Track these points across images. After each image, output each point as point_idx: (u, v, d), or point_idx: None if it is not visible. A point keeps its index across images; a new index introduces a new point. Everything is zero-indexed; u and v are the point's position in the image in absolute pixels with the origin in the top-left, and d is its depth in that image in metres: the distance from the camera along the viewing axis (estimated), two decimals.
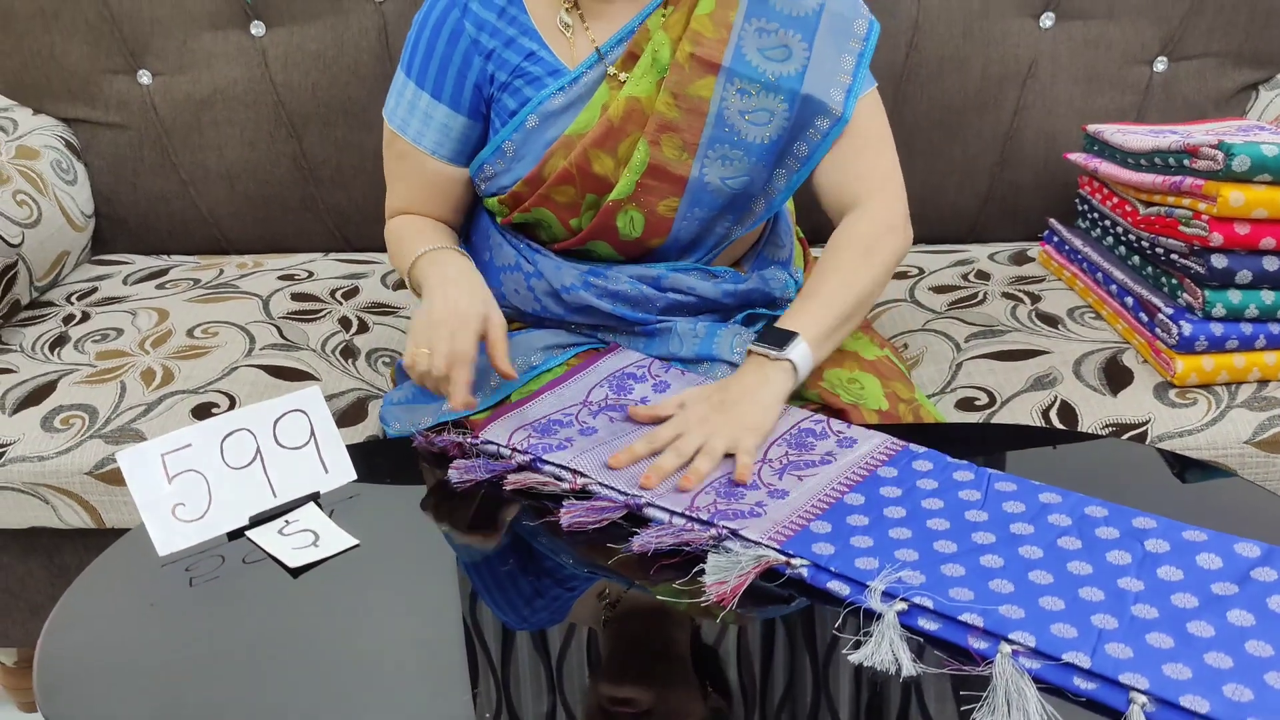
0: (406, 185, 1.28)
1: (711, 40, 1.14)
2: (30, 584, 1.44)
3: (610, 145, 1.16)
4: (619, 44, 1.18)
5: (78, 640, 0.83)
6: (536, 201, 1.19)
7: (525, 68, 1.18)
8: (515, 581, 0.89)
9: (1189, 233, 1.31)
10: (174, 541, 0.92)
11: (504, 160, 1.20)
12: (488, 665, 0.80)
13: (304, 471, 0.99)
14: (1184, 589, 0.80)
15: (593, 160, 1.16)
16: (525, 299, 1.25)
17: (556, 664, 0.80)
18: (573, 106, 1.18)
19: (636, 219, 1.19)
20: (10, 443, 1.31)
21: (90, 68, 1.79)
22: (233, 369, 1.42)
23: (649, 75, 1.16)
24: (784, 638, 0.83)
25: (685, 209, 1.19)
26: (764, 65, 1.15)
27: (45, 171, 1.72)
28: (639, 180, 1.16)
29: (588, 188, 1.18)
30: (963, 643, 0.77)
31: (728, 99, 1.15)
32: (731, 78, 1.15)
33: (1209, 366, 1.32)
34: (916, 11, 1.75)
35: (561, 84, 1.17)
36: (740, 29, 1.15)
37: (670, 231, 1.20)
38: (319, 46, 1.77)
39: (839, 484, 0.96)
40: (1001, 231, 1.87)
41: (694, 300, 1.22)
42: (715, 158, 1.17)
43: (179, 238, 1.88)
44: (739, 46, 1.15)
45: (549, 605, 0.87)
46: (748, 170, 1.18)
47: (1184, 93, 1.80)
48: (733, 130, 1.16)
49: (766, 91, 1.16)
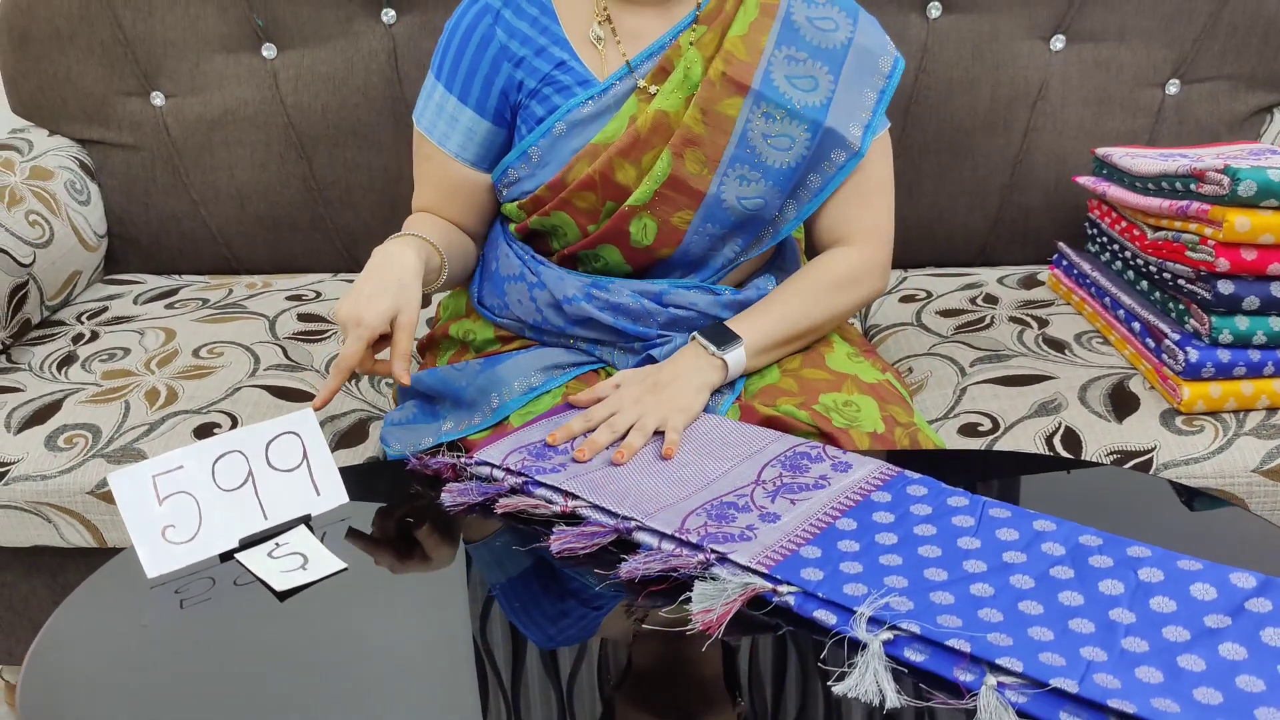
0: (430, 187, 1.31)
1: (743, 62, 1.18)
2: (33, 602, 1.44)
3: (635, 155, 1.18)
4: (650, 58, 1.21)
5: (65, 661, 0.83)
6: (557, 205, 1.21)
7: (555, 76, 1.21)
8: (503, 607, 0.89)
9: (1195, 258, 1.29)
10: (163, 563, 0.92)
11: (528, 165, 1.22)
12: (478, 691, 0.79)
13: (296, 494, 0.99)
14: (1176, 621, 0.79)
15: (616, 169, 1.18)
16: (528, 309, 1.26)
17: (568, 687, 0.80)
18: (600, 116, 1.20)
19: (650, 226, 1.21)
20: (14, 461, 1.32)
21: (105, 89, 1.81)
22: (236, 389, 1.43)
23: (679, 90, 1.18)
24: (769, 667, 0.82)
25: (698, 223, 1.21)
26: (790, 92, 1.18)
27: (59, 192, 1.74)
28: (658, 190, 1.19)
29: (608, 195, 1.20)
30: (949, 675, 0.76)
31: (753, 120, 1.18)
32: (759, 100, 1.18)
33: (1216, 393, 1.30)
34: (926, 33, 1.75)
35: (591, 93, 1.20)
36: (770, 54, 1.18)
37: (681, 243, 1.22)
38: (329, 69, 1.78)
39: (832, 508, 0.95)
40: (1011, 254, 1.86)
41: (694, 315, 1.22)
42: (734, 176, 1.19)
43: (190, 257, 1.89)
44: (768, 71, 1.18)
45: (538, 630, 0.86)
46: (764, 193, 1.21)
47: (1197, 116, 1.79)
48: (754, 152, 1.19)
49: (790, 118, 1.19)
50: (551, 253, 1.27)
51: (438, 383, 1.26)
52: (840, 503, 0.96)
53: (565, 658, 0.83)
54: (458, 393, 1.24)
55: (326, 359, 1.52)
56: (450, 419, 1.23)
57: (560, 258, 1.26)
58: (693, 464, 1.03)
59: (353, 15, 1.77)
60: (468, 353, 1.31)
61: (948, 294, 1.71)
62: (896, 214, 1.30)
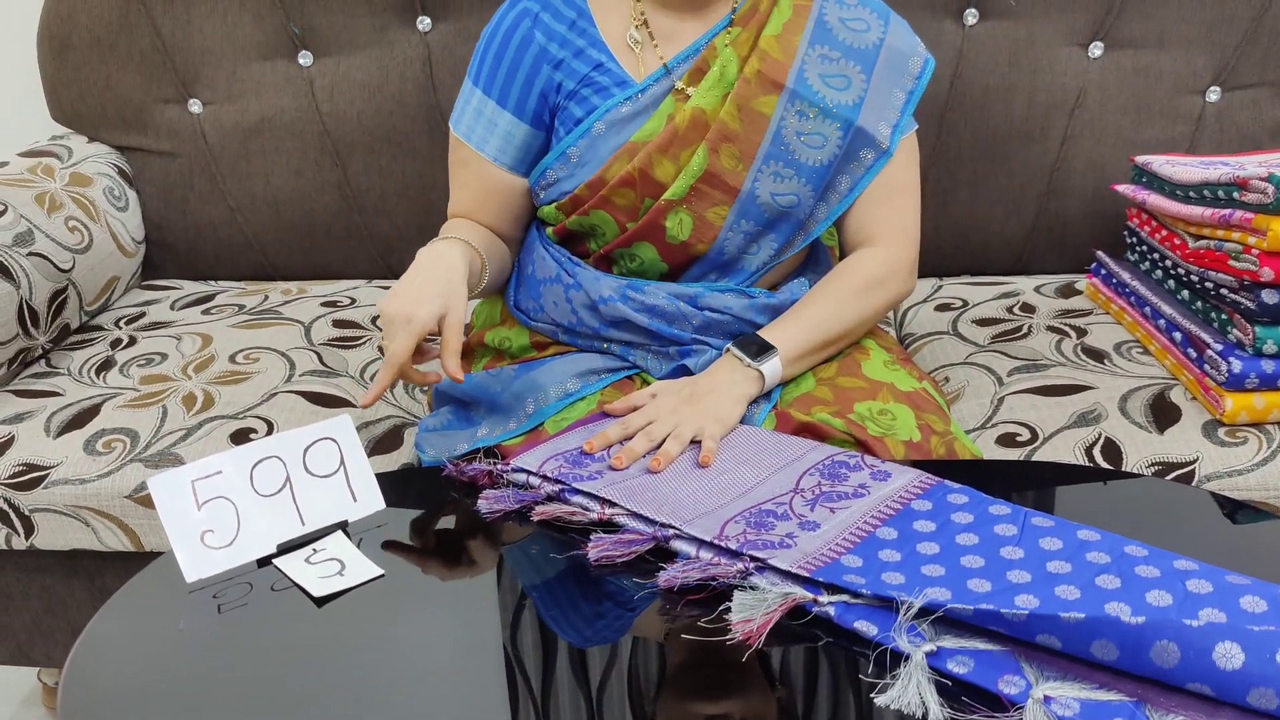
0: (468, 192, 1.31)
1: (777, 60, 1.20)
2: (72, 605, 1.45)
3: (673, 152, 1.20)
4: (686, 60, 1.22)
5: (105, 665, 0.84)
6: (597, 204, 1.22)
7: (593, 77, 1.22)
8: (540, 614, 0.89)
9: (1239, 267, 1.28)
10: (202, 568, 0.92)
11: (567, 166, 1.23)
12: (511, 698, 0.79)
13: (333, 500, 0.99)
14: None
15: (655, 165, 1.20)
16: (563, 311, 1.26)
17: (597, 694, 0.79)
18: (639, 116, 1.21)
19: (685, 221, 1.21)
20: (54, 465, 1.33)
21: (143, 97, 1.82)
22: (272, 395, 1.44)
23: (716, 88, 1.20)
24: (808, 678, 0.81)
25: (733, 219, 1.22)
26: (824, 91, 1.20)
27: (98, 198, 1.75)
28: (694, 184, 1.20)
29: (647, 191, 1.21)
30: (993, 688, 0.75)
31: (787, 118, 1.20)
32: (793, 99, 1.20)
33: (1260, 405, 1.28)
34: (961, 40, 1.74)
35: (629, 94, 1.21)
36: (804, 53, 1.20)
37: (716, 239, 1.23)
38: (364, 76, 1.79)
39: (872, 517, 0.94)
40: (1048, 263, 1.84)
41: (728, 319, 1.22)
42: (769, 173, 1.21)
43: (226, 264, 1.90)
44: (802, 69, 1.20)
45: (571, 644, 0.86)
46: (797, 190, 1.22)
47: (1238, 123, 1.77)
48: (788, 149, 1.20)
49: (824, 117, 1.20)
50: (588, 254, 1.28)
51: (473, 388, 1.26)
52: (880, 511, 0.95)
53: (596, 666, 0.83)
54: (493, 399, 1.24)
55: (361, 365, 1.53)
56: (485, 425, 1.24)
57: (596, 259, 1.26)
58: (730, 471, 1.03)
59: (388, 23, 1.78)
60: (503, 359, 1.31)
61: (984, 303, 1.69)
62: (932, 221, 1.32)
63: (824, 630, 0.83)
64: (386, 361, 1.10)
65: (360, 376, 1.50)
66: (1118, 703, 0.72)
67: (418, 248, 1.19)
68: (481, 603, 0.92)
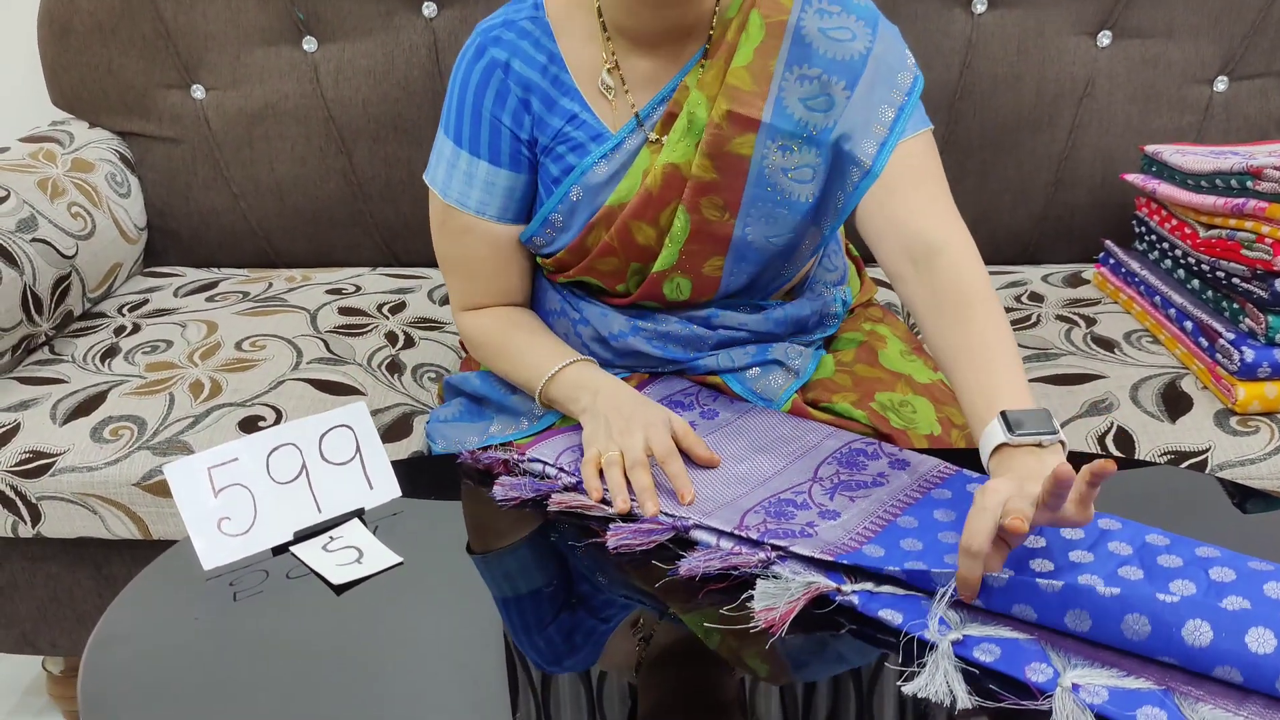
0: (476, 265, 1.20)
1: (749, 94, 1.07)
2: (78, 593, 1.45)
3: (650, 215, 1.12)
4: (659, 106, 1.12)
5: (122, 653, 0.83)
6: (582, 271, 1.17)
7: (568, 132, 1.13)
8: (557, 607, 0.88)
9: (1252, 256, 1.28)
10: (219, 555, 0.92)
11: (552, 230, 1.16)
12: (528, 686, 0.79)
13: (349, 487, 0.99)
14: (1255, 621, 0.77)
15: (634, 231, 1.12)
16: (573, 344, 1.21)
17: (598, 686, 0.79)
18: (615, 177, 1.13)
19: (683, 284, 1.16)
20: (61, 453, 1.32)
21: (145, 82, 1.81)
22: (280, 382, 1.43)
23: (686, 139, 1.09)
24: (832, 667, 0.81)
25: (731, 266, 1.15)
26: (806, 116, 1.08)
27: (100, 184, 1.74)
28: (682, 249, 1.12)
29: (631, 257, 1.14)
30: (1020, 675, 0.75)
31: (768, 156, 1.08)
32: (773, 134, 1.07)
33: (1272, 394, 1.28)
34: (970, 29, 1.73)
35: (605, 150, 1.12)
36: (781, 78, 1.07)
37: (719, 289, 1.18)
38: (370, 62, 1.78)
39: (892, 506, 0.94)
40: (1056, 253, 1.84)
41: (745, 334, 1.19)
42: (758, 216, 1.11)
43: (229, 250, 1.89)
44: (780, 99, 1.07)
45: (591, 633, 0.86)
46: (792, 228, 1.13)
47: (1245, 112, 1.77)
48: (775, 189, 1.10)
49: (809, 146, 1.08)
50: (592, 293, 1.23)
51: (484, 386, 1.25)
52: (900, 499, 0.95)
53: (622, 654, 0.82)
54: (502, 399, 1.22)
55: (369, 352, 1.52)
56: (497, 422, 1.22)
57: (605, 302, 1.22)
58: (748, 459, 1.02)
59: (394, 9, 1.77)
60: None
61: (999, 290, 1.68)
62: None
63: (848, 619, 0.83)
64: (667, 455, 1.00)
65: (367, 364, 1.49)
66: (1146, 690, 0.72)
67: (422, 235, 1.16)
68: (500, 591, 0.91)
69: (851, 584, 0.84)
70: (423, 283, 1.79)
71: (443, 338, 1.59)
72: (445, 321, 1.64)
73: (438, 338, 1.58)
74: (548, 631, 0.85)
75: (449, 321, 1.64)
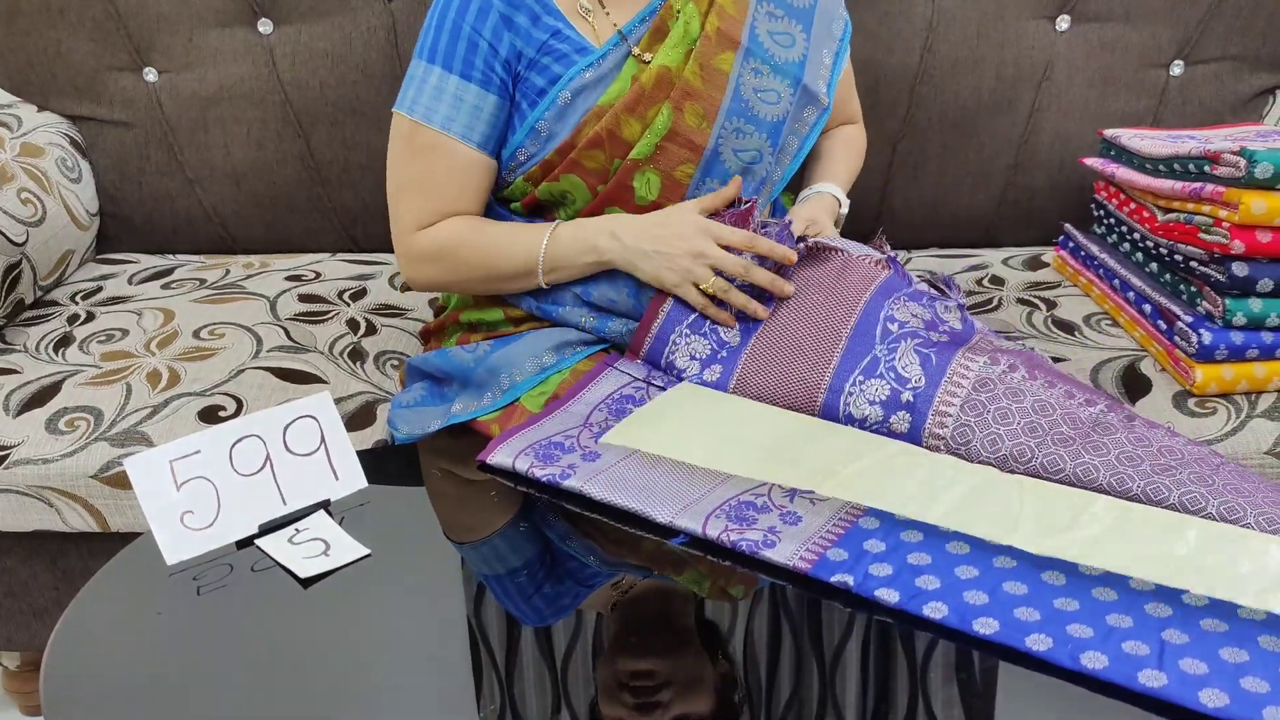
0: (436, 182, 1.22)
1: (732, 16, 1.23)
2: (34, 588, 1.42)
3: (640, 111, 1.20)
4: (642, 23, 1.23)
5: (84, 650, 0.82)
6: (567, 168, 1.22)
7: (552, 45, 1.21)
8: (530, 585, 0.88)
9: (1209, 240, 1.29)
10: (182, 550, 0.91)
11: (538, 141, 1.22)
12: (494, 678, 0.78)
13: (314, 478, 0.98)
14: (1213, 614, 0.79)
15: (622, 125, 1.20)
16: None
17: (562, 676, 0.79)
18: (601, 81, 1.21)
19: (653, 180, 1.22)
20: (14, 445, 1.29)
21: (95, 65, 1.77)
22: (240, 371, 1.41)
23: (680, 46, 1.21)
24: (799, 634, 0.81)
25: (699, 177, 1.24)
26: (772, 48, 1.25)
27: (50, 169, 1.70)
28: (659, 142, 1.21)
29: (615, 152, 1.21)
30: (1021, 646, 0.76)
31: (744, 76, 1.23)
32: (748, 55, 1.23)
33: (1229, 376, 1.30)
34: (931, 12, 1.74)
35: (591, 60, 1.21)
36: (754, 10, 1.24)
37: (684, 199, 1.23)
38: (327, 45, 1.75)
39: (854, 507, 0.94)
40: (1015, 236, 1.85)
41: None
42: (730, 130, 1.23)
43: (185, 237, 1.86)
44: (753, 26, 1.24)
45: (566, 606, 0.85)
46: (758, 145, 1.26)
47: (1200, 97, 1.79)
48: (747, 105, 1.24)
49: (774, 73, 1.25)
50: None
51: (446, 364, 1.24)
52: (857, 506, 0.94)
53: (584, 637, 0.82)
54: (466, 374, 1.22)
55: (330, 340, 1.50)
56: (460, 400, 1.22)
57: None
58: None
59: None
60: (476, 334, 1.29)
61: (954, 275, 1.70)
62: (900, 194, 1.59)
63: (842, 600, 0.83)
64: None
65: (329, 352, 1.47)
66: (1145, 655, 0.73)
67: (382, 220, 1.17)
68: (469, 582, 0.91)
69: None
70: (384, 269, 1.77)
71: (405, 324, 1.57)
72: (407, 308, 1.62)
73: (400, 324, 1.57)
74: (518, 613, 0.85)
75: (411, 308, 1.62)
